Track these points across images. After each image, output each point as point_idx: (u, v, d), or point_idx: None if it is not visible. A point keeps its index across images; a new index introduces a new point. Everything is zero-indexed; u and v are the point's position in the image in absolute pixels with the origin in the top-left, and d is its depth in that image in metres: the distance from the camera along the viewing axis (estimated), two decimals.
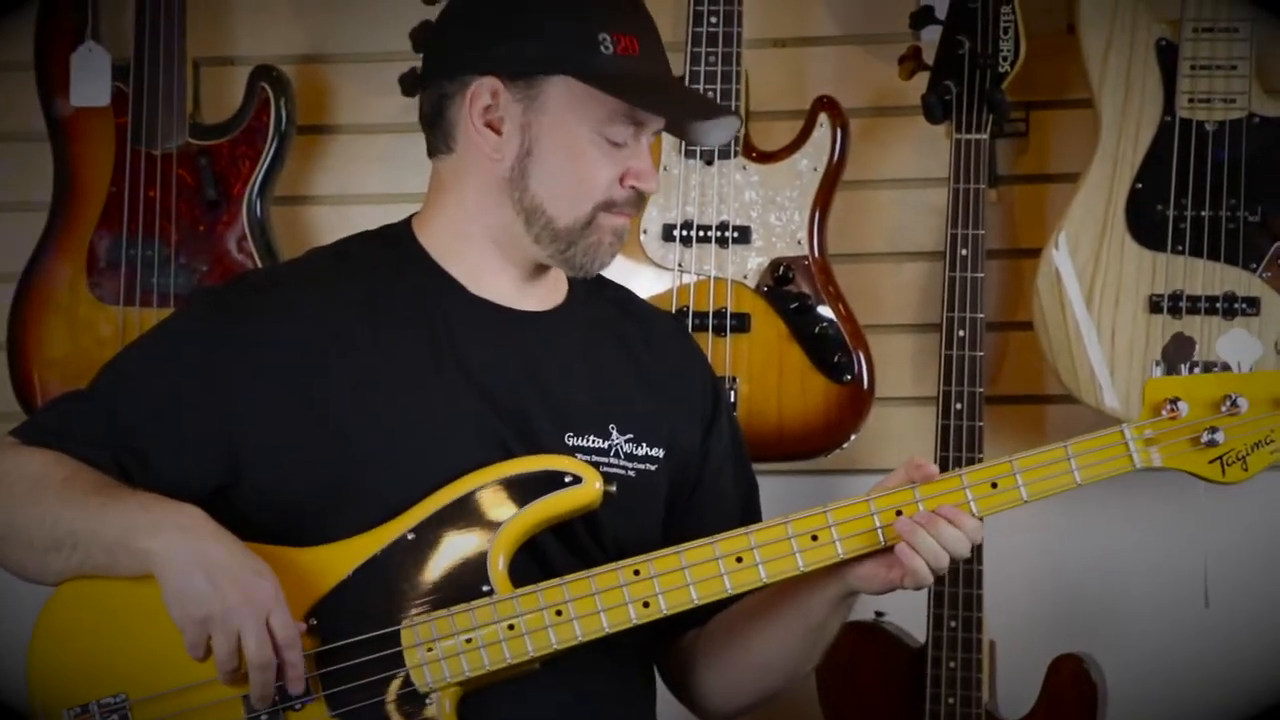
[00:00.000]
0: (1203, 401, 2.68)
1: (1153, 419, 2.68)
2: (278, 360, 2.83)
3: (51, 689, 2.79)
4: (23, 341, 3.94)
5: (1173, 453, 2.68)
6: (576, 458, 2.81)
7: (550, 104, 2.82)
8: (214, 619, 2.66)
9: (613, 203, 2.83)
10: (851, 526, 2.72)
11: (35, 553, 2.78)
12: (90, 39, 3.93)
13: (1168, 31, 3.60)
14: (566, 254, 2.86)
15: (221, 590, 2.66)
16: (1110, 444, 2.69)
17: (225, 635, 2.66)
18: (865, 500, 2.72)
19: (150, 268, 3.89)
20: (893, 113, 3.86)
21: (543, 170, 2.83)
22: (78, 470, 2.79)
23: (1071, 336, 3.63)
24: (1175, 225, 3.59)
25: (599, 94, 2.79)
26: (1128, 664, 3.76)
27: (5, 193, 4.13)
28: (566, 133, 2.83)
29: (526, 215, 2.85)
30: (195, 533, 2.71)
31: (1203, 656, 3.85)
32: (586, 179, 2.83)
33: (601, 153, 2.83)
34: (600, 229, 2.85)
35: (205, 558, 2.68)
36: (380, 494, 2.79)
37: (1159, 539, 3.86)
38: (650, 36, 2.87)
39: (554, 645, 2.72)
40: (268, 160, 3.91)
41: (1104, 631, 3.82)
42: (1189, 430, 2.68)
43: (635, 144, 2.85)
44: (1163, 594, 3.86)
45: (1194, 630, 3.83)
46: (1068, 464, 2.68)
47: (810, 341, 3.71)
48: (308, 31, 4.09)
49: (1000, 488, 2.70)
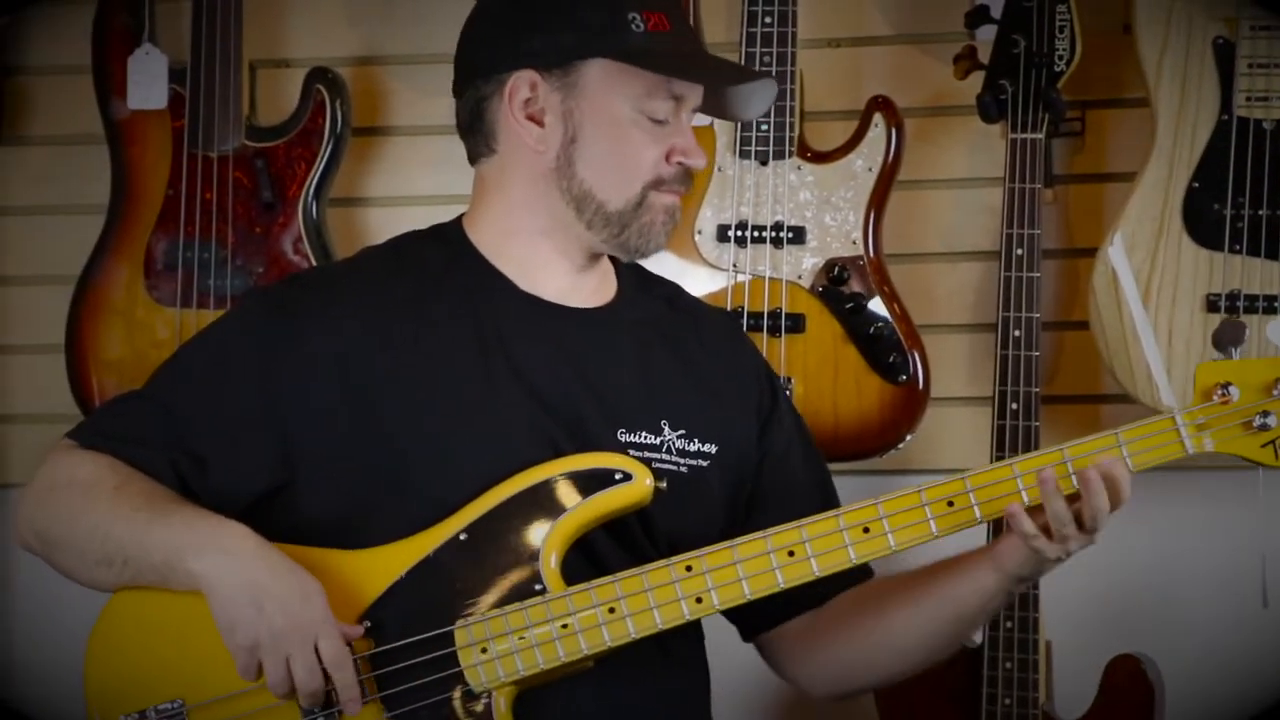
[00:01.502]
0: (1254, 386, 2.67)
1: (1204, 404, 2.68)
2: (330, 359, 2.84)
3: (109, 696, 2.80)
4: (80, 343, 3.95)
5: (1224, 437, 2.68)
6: (628, 454, 2.81)
7: (589, 88, 2.83)
8: (263, 646, 2.68)
9: (661, 180, 2.84)
10: (903, 518, 2.72)
11: (87, 564, 2.81)
12: (147, 42, 3.95)
13: (1225, 30, 3.61)
14: (621, 237, 2.86)
15: (268, 617, 2.68)
16: (1162, 429, 2.69)
17: (274, 662, 2.68)
18: (916, 491, 2.71)
19: (207, 270, 3.90)
20: (948, 112, 3.87)
21: (589, 155, 2.84)
22: (129, 479, 2.80)
23: (1128, 336, 3.62)
24: (1233, 224, 3.59)
25: (636, 71, 2.80)
26: (1186, 664, 3.77)
27: (63, 195, 4.15)
28: (608, 114, 2.84)
29: (577, 203, 2.85)
30: (240, 555, 2.73)
31: (1262, 657, 3.84)
32: (633, 159, 2.84)
33: (645, 131, 2.83)
34: (652, 208, 2.85)
35: (251, 582, 2.71)
36: (432, 493, 2.79)
37: (1216, 537, 3.86)
38: (677, 12, 2.88)
39: (607, 643, 2.72)
40: (323, 162, 3.93)
41: (1161, 631, 3.83)
42: (1241, 415, 2.67)
43: (677, 120, 2.85)
44: (1220, 593, 3.86)
45: (1253, 630, 3.81)
46: (1119, 451, 2.68)
47: (865, 342, 3.71)
48: (362, 34, 4.10)
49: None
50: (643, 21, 2.81)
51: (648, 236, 2.87)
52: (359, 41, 4.10)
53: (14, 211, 4.20)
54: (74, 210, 4.08)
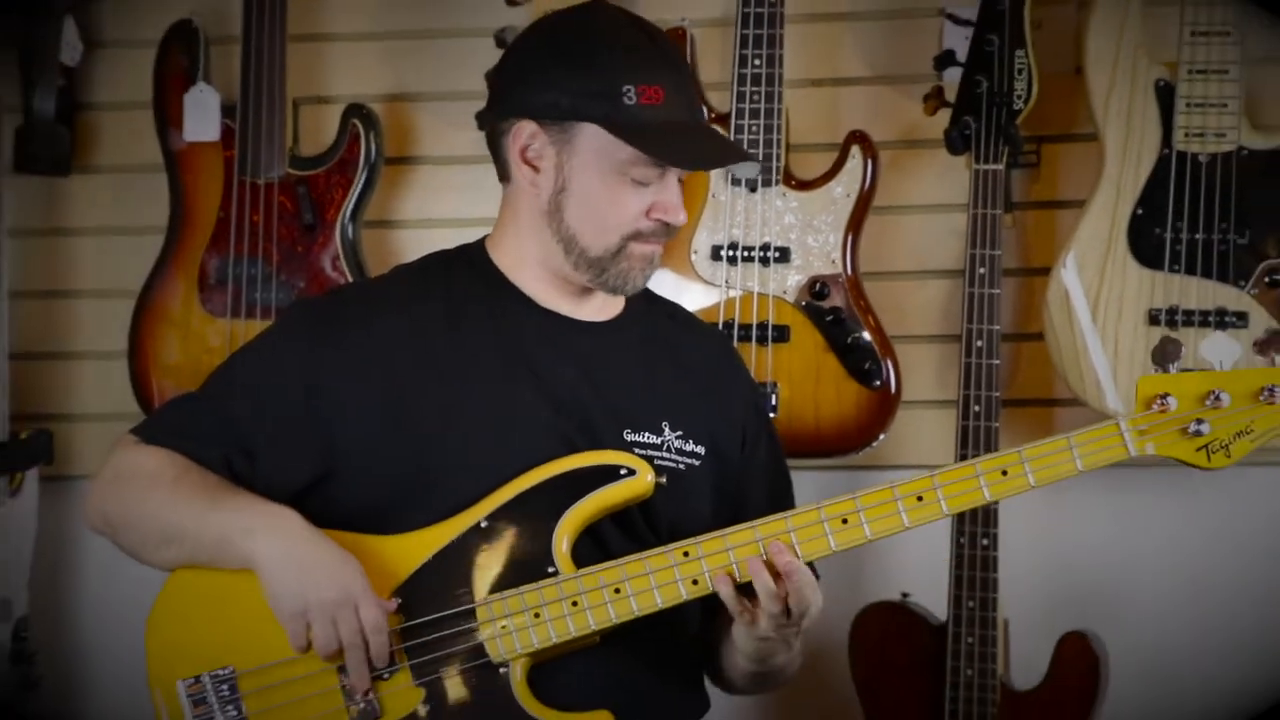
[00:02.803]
0: (1190, 396, 2.68)
1: (1145, 412, 2.68)
2: (367, 365, 2.84)
3: (167, 662, 2.81)
4: (141, 350, 3.95)
5: (1164, 442, 2.68)
6: (633, 452, 2.81)
7: (580, 147, 2.81)
8: (311, 614, 2.70)
9: (640, 233, 2.82)
10: (878, 511, 2.72)
11: (149, 545, 2.82)
12: (202, 80, 3.94)
13: (1166, 73, 3.59)
14: (601, 278, 2.85)
15: (315, 589, 2.71)
16: (1108, 434, 2.69)
17: (321, 627, 2.70)
18: (890, 487, 2.71)
19: (254, 284, 3.90)
20: (918, 145, 3.84)
21: (575, 205, 2.82)
22: (187, 470, 2.81)
23: (1078, 346, 3.61)
24: (1172, 247, 3.57)
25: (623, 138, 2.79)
26: (1127, 639, 3.74)
27: (127, 218, 4.12)
28: (595, 173, 2.81)
29: (564, 244, 2.84)
30: (288, 534, 2.74)
31: (1194, 633, 3.84)
32: (614, 214, 2.82)
33: (628, 190, 2.81)
34: (630, 256, 2.83)
35: (298, 558, 2.73)
36: (456, 486, 2.79)
37: (1156, 528, 3.85)
38: (676, 82, 2.85)
39: (613, 620, 2.73)
40: (358, 188, 3.92)
41: (1106, 610, 3.80)
42: (1178, 422, 2.68)
43: (661, 181, 2.82)
44: (1160, 577, 3.86)
45: (1187, 609, 3.84)
46: (1070, 453, 2.68)
47: (844, 351, 3.69)
48: (394, 73, 4.08)
49: (1010, 475, 2.70)
50: (636, 95, 2.79)
51: (625, 279, 2.86)
52: (391, 80, 4.07)
53: (83, 233, 4.18)
54: (136, 232, 4.06)
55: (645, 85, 2.80)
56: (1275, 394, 2.66)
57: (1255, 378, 2.68)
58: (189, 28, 3.96)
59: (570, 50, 2.83)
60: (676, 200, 2.82)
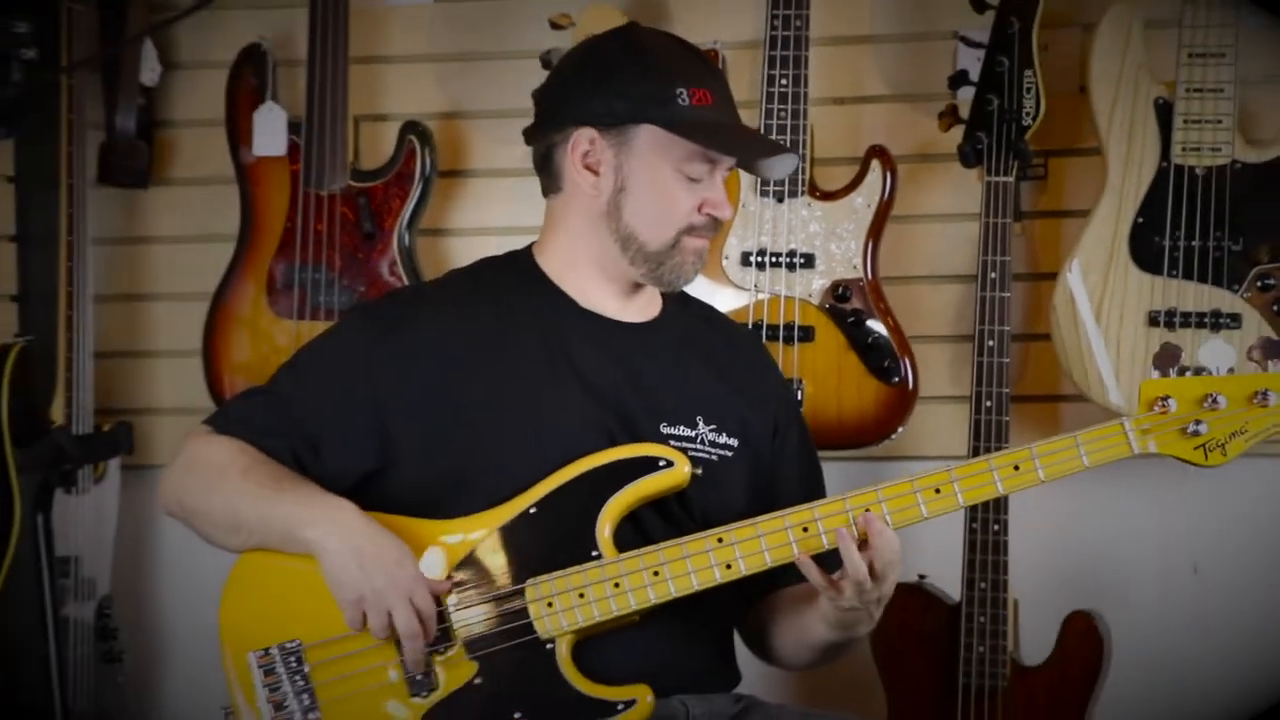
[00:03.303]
0: (1189, 399, 2.69)
1: (1148, 413, 2.69)
2: (422, 363, 2.83)
3: (239, 636, 2.82)
4: (214, 348, 3.96)
5: (1164, 441, 2.69)
6: (669, 444, 2.80)
7: (638, 148, 2.82)
8: (366, 600, 2.70)
9: (693, 227, 2.82)
10: (898, 502, 2.72)
11: (220, 531, 2.83)
12: (270, 100, 3.95)
13: (1165, 92, 3.57)
14: (657, 272, 2.85)
15: (371, 576, 2.71)
16: (1113, 433, 2.70)
17: (377, 613, 2.70)
18: (909, 480, 2.71)
19: (318, 288, 3.91)
20: (933, 159, 3.83)
21: (634, 203, 2.83)
22: (255, 461, 2.81)
23: (1083, 346, 3.60)
24: (1171, 253, 3.56)
25: (679, 139, 2.79)
26: (1129, 619, 3.73)
27: (201, 227, 4.14)
28: (653, 171, 2.82)
29: (622, 241, 2.84)
30: (347, 527, 2.74)
31: (1191, 612, 3.84)
32: (670, 209, 2.83)
33: (682, 187, 2.82)
34: (684, 250, 2.84)
35: (356, 549, 2.72)
36: (505, 476, 2.79)
37: (1157, 517, 3.83)
38: (720, 88, 2.86)
39: (651, 600, 2.73)
40: (414, 199, 3.93)
41: (1110, 592, 3.79)
42: (1178, 422, 2.68)
43: (710, 178, 2.83)
44: (1159, 562, 3.85)
45: (1184, 591, 3.84)
46: (1077, 450, 2.69)
47: (864, 350, 3.69)
48: (447, 92, 4.08)
49: (1022, 470, 2.70)
50: (689, 96, 2.80)
51: (678, 273, 2.86)
52: (444, 99, 4.08)
53: (161, 241, 4.20)
54: (209, 239, 4.07)
55: (695, 88, 2.81)
56: (1268, 397, 2.67)
57: (1249, 382, 2.70)
58: (259, 50, 3.98)
59: (622, 61, 2.84)
60: (723, 196, 2.84)
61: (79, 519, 3.92)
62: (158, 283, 4.20)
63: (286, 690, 2.78)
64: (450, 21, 4.07)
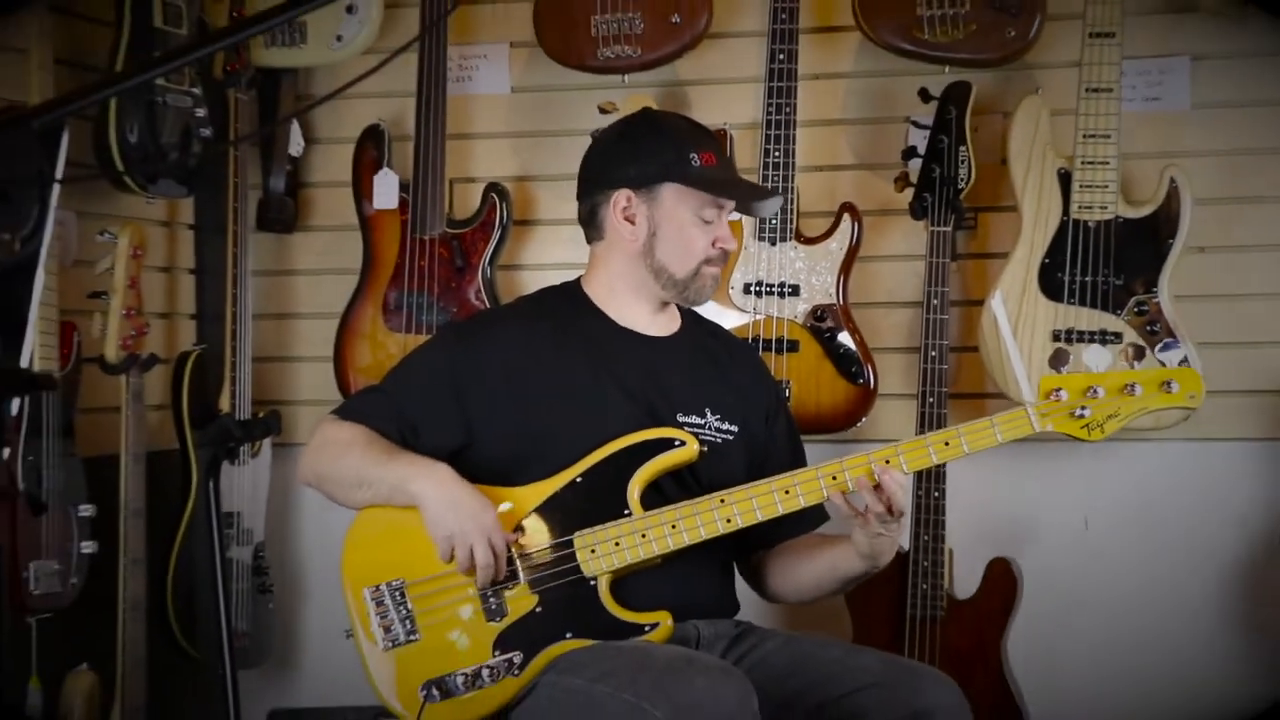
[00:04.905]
0: (1076, 390, 2.71)
1: (1045, 401, 2.72)
2: (495, 367, 2.85)
3: (357, 575, 2.84)
4: (342, 355, 3.96)
5: (1058, 422, 2.72)
6: (684, 430, 2.83)
7: (665, 201, 2.84)
8: (455, 537, 2.73)
9: (710, 259, 2.85)
10: (857, 471, 2.73)
11: (345, 489, 2.84)
12: (386, 166, 3.94)
13: (1065, 164, 3.57)
14: (684, 294, 2.88)
15: (460, 519, 2.73)
16: (1019, 416, 2.72)
17: (462, 548, 2.73)
18: (866, 456, 2.74)
19: (421, 309, 3.89)
20: (890, 214, 3.81)
21: (664, 244, 2.85)
22: (373, 438, 2.84)
23: (1003, 357, 3.60)
24: (1069, 286, 3.56)
25: (695, 191, 2.82)
26: (1036, 562, 3.74)
27: (333, 263, 4.12)
28: (677, 219, 2.85)
29: (655, 273, 2.87)
30: (443, 480, 2.76)
31: (1083, 556, 3.83)
32: (691, 246, 2.85)
33: (699, 228, 2.84)
34: (703, 276, 2.87)
35: (450, 497, 2.74)
36: (558, 453, 2.81)
37: (1058, 486, 3.82)
38: (719, 150, 2.87)
39: (671, 547, 2.76)
40: (494, 242, 3.92)
41: (1022, 542, 3.79)
42: (1067, 408, 2.71)
43: (719, 220, 2.85)
44: (1059, 519, 3.84)
45: (1077, 540, 3.84)
46: (992, 430, 2.72)
47: (837, 358, 3.70)
48: (520, 161, 4.06)
49: (950, 445, 2.72)
50: (699, 159, 2.83)
51: (700, 293, 2.89)
52: (517, 166, 4.06)
53: (303, 273, 4.20)
54: (339, 272, 4.06)
55: (703, 152, 2.83)
56: (1135, 389, 2.70)
57: (1121, 378, 2.72)
58: (377, 129, 3.97)
59: (645, 136, 2.86)
60: (729, 232, 2.86)
61: (240, 484, 3.92)
62: (300, 305, 4.20)
63: (393, 617, 2.80)
64: (522, 107, 4.05)
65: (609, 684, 2.59)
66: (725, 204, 2.86)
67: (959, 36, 3.58)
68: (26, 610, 3.34)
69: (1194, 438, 3.57)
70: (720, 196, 2.84)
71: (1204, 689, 3.73)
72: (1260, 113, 3.68)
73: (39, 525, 3.38)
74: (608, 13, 3.72)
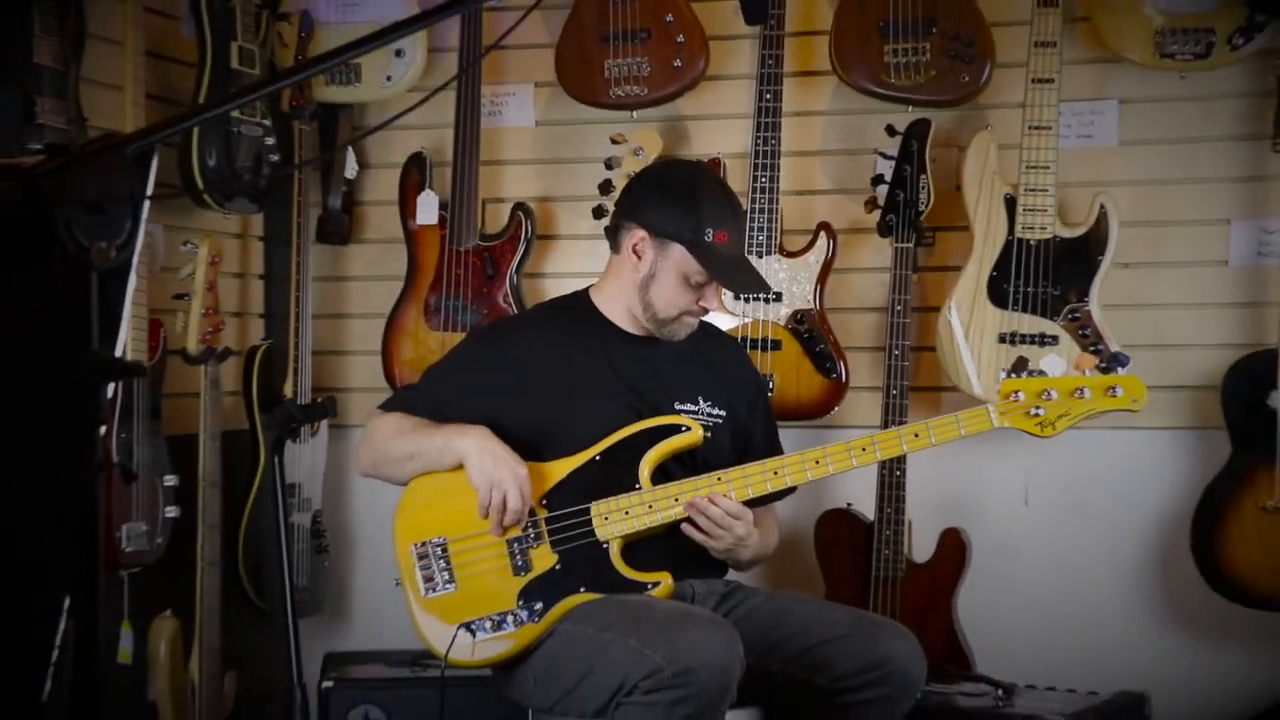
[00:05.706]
0: (1032, 393, 2.76)
1: (1004, 401, 2.77)
2: (518, 362, 2.90)
3: (405, 534, 2.89)
4: (389, 350, 3.94)
5: (1015, 420, 2.76)
6: (683, 416, 2.88)
7: (670, 255, 2.86)
8: (495, 483, 2.76)
9: (690, 311, 2.88)
10: (837, 456, 2.79)
11: (397, 463, 2.89)
12: (428, 188, 3.93)
13: (1011, 190, 3.55)
14: (661, 330, 2.92)
15: (499, 469, 2.76)
16: (980, 414, 2.78)
17: (499, 493, 2.76)
18: (845, 445, 2.80)
19: (457, 311, 3.88)
20: (861, 232, 3.78)
21: (656, 288, 2.88)
22: (416, 421, 2.91)
23: (958, 356, 3.59)
24: (1014, 295, 3.55)
25: (696, 261, 2.83)
26: (983, 533, 3.72)
27: (382, 270, 4.08)
28: (674, 274, 2.86)
29: (643, 306, 2.91)
30: (484, 437, 2.79)
31: (1023, 529, 3.82)
32: (677, 299, 2.87)
33: (690, 287, 2.86)
34: (681, 322, 2.91)
35: (490, 450, 2.78)
36: (577, 436, 2.86)
37: (1003, 467, 3.79)
38: (737, 230, 2.87)
39: (673, 517, 2.82)
40: (520, 254, 3.90)
41: (971, 515, 3.76)
42: (1024, 408, 2.75)
43: (709, 287, 2.87)
44: (1004, 496, 3.82)
45: (1019, 515, 3.83)
46: (957, 425, 2.78)
47: (814, 356, 3.69)
48: (543, 183, 4.03)
49: (920, 437, 2.79)
50: (714, 236, 2.81)
51: (674, 334, 2.92)
52: (541, 188, 4.03)
53: (356, 279, 4.17)
54: (387, 279, 4.02)
55: (720, 231, 2.82)
56: (1084, 393, 2.74)
57: (1071, 383, 2.75)
58: (420, 156, 3.95)
59: (680, 194, 2.84)
60: (714, 301, 2.89)
61: (301, 459, 3.91)
62: (353, 306, 4.16)
63: (434, 569, 2.85)
64: (545, 138, 4.03)
65: (615, 632, 2.64)
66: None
67: (920, 81, 3.59)
68: (119, 565, 3.39)
69: (1118, 426, 3.54)
70: (715, 278, 2.85)
71: (1121, 639, 3.74)
72: (1177, 149, 3.70)
73: (130, 493, 3.41)
74: (619, 58, 3.73)
